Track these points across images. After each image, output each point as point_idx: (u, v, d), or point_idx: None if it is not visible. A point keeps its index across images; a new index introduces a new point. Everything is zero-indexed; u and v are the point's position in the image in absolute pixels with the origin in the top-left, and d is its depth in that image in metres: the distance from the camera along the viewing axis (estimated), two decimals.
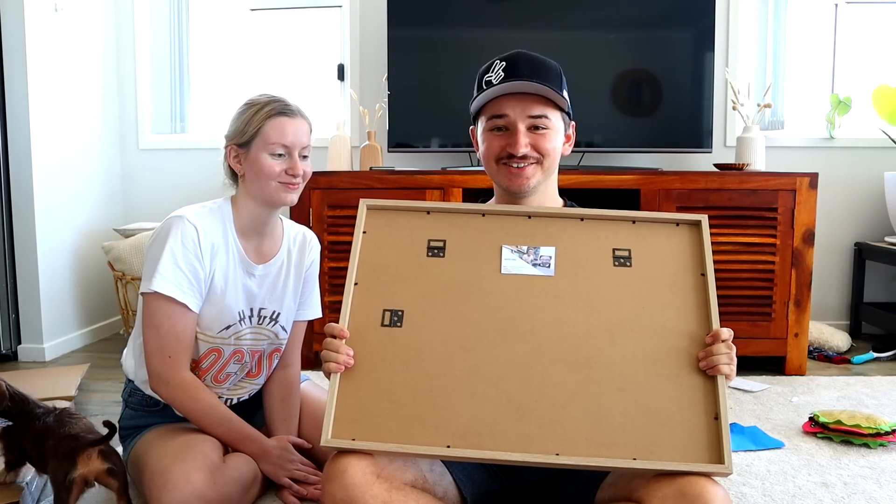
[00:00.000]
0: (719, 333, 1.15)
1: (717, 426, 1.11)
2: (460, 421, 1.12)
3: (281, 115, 1.49)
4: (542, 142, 1.30)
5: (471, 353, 1.16)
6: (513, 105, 1.28)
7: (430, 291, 1.22)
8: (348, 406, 1.13)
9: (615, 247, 1.25)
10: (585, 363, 1.16)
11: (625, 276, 1.23)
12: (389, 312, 1.20)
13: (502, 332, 1.18)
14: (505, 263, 1.23)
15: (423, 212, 1.28)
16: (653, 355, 1.16)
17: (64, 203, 2.96)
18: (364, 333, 1.19)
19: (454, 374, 1.15)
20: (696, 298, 1.21)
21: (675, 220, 1.27)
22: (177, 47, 3.40)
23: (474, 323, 1.19)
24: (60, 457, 1.29)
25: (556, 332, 1.18)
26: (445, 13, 2.92)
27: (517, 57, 1.31)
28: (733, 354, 1.15)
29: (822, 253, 3.18)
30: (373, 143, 2.93)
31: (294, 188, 1.52)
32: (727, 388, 1.15)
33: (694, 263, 1.23)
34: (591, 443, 1.11)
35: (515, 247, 1.25)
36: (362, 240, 1.26)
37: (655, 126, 2.93)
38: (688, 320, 1.19)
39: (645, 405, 1.13)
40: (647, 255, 1.24)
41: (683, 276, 1.22)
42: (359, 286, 1.22)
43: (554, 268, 1.23)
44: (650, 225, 1.27)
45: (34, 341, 2.84)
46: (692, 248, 1.24)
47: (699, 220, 1.26)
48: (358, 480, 1.08)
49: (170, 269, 1.44)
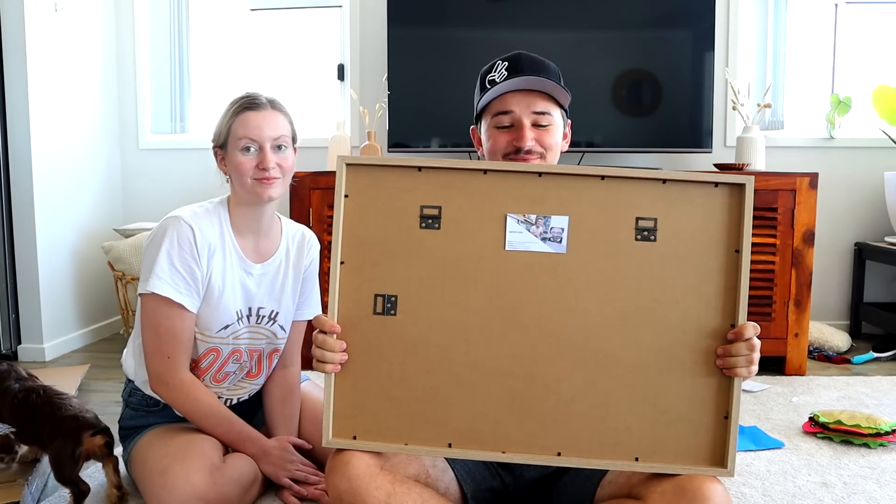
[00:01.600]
0: (743, 331, 1.07)
1: (726, 426, 1.08)
2: (461, 419, 1.10)
3: (246, 109, 1.49)
4: (546, 136, 1.33)
5: (472, 345, 1.10)
6: (517, 101, 1.31)
7: (425, 272, 1.10)
8: (346, 402, 1.11)
9: (639, 215, 1.09)
10: (594, 358, 1.09)
11: (647, 254, 1.09)
12: (382, 298, 1.11)
13: (506, 322, 1.09)
14: (510, 238, 1.09)
15: (414, 169, 1.11)
16: (668, 349, 1.08)
17: (64, 203, 2.96)
18: (356, 323, 1.10)
19: (454, 370, 1.10)
20: (724, 282, 1.08)
21: (714, 181, 1.09)
22: (177, 47, 3.40)
23: (475, 311, 1.10)
24: (65, 436, 1.45)
25: (564, 323, 1.09)
26: (445, 13, 2.92)
27: (519, 56, 1.36)
28: (755, 356, 1.08)
29: (822, 253, 3.17)
30: (373, 143, 2.93)
31: (269, 182, 1.48)
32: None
33: (729, 237, 1.08)
34: (594, 442, 1.09)
35: (522, 216, 1.09)
36: (345, 206, 1.10)
37: (655, 126, 2.93)
38: (711, 310, 1.08)
39: (653, 403, 1.09)
40: (674, 227, 1.09)
41: (714, 252, 1.08)
42: (346, 266, 1.10)
43: (566, 243, 1.09)
44: (683, 187, 1.09)
45: (34, 341, 2.84)
46: (729, 217, 1.08)
47: (743, 183, 1.08)
48: (362, 472, 1.09)
49: (166, 270, 1.44)
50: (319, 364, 1.11)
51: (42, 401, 1.50)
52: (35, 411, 1.49)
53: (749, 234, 1.07)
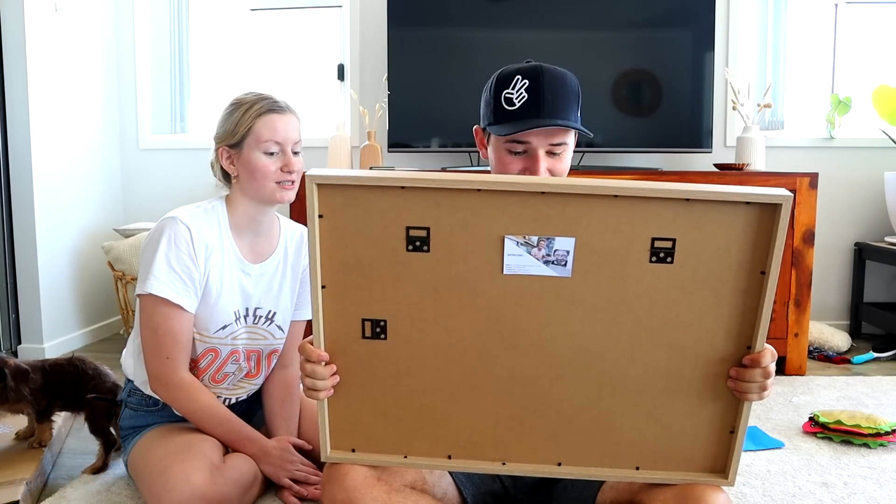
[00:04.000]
0: (760, 359, 0.99)
1: (731, 440, 1.05)
2: (460, 434, 1.08)
3: (271, 112, 1.49)
4: (559, 164, 1.27)
5: (468, 367, 1.04)
6: (536, 134, 1.24)
7: (415, 297, 1.01)
8: (341, 419, 1.09)
9: (656, 235, 0.96)
10: (598, 379, 1.03)
11: (662, 276, 0.97)
12: (370, 322, 1.03)
13: (504, 346, 1.02)
14: (508, 261, 0.98)
15: (397, 189, 0.96)
16: (677, 372, 1.01)
17: (64, 203, 2.96)
18: (343, 346, 1.04)
19: (450, 390, 1.05)
20: (744, 304, 0.98)
21: (745, 200, 0.94)
22: (177, 47, 3.40)
23: (470, 335, 1.02)
24: (104, 392, 1.72)
25: (567, 346, 1.01)
26: (445, 13, 2.92)
27: (540, 77, 1.24)
28: (769, 382, 1.00)
29: (822, 253, 3.17)
30: (373, 143, 2.93)
31: (291, 187, 1.52)
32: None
33: (755, 258, 0.96)
34: (595, 454, 1.07)
35: (522, 237, 0.97)
36: (319, 226, 0.99)
37: (655, 126, 2.93)
38: (727, 335, 0.99)
39: (658, 420, 1.04)
40: (695, 248, 0.96)
41: (737, 274, 0.97)
42: (328, 290, 1.01)
43: (571, 266, 0.98)
44: (709, 206, 0.95)
45: (34, 341, 2.84)
46: (758, 236, 0.95)
47: (779, 203, 0.93)
48: (358, 482, 1.09)
49: (164, 271, 1.44)
50: (311, 392, 1.08)
51: (78, 369, 1.74)
52: (74, 377, 1.72)
53: (779, 255, 0.95)
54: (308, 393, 1.08)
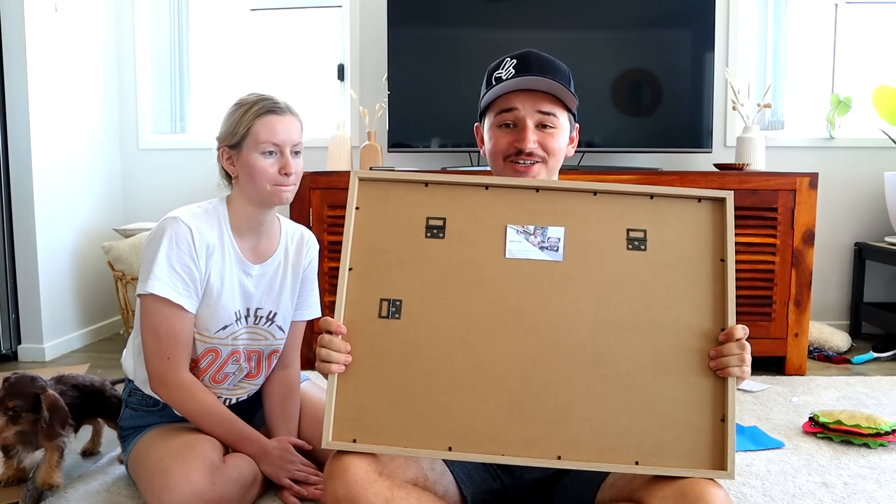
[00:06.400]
0: (733, 332, 1.10)
1: (723, 429, 1.09)
2: (462, 421, 1.11)
3: (270, 113, 1.49)
4: (549, 140, 1.30)
5: (473, 348, 1.13)
6: (522, 100, 1.29)
7: (429, 278, 1.15)
8: (348, 405, 1.12)
9: (630, 227, 1.16)
10: (592, 361, 1.12)
11: (638, 262, 1.15)
12: (387, 302, 1.15)
13: (506, 326, 1.13)
14: (510, 246, 1.16)
15: (421, 184, 1.18)
16: (662, 352, 1.12)
17: (64, 203, 2.96)
18: (361, 326, 1.14)
19: (455, 372, 1.12)
20: (712, 288, 1.14)
21: (696, 196, 1.17)
22: (177, 47, 3.40)
23: (476, 315, 1.14)
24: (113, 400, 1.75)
25: (562, 326, 1.13)
26: (445, 13, 2.92)
27: (528, 55, 1.32)
28: (746, 355, 1.10)
29: (822, 253, 3.18)
30: (373, 143, 2.93)
31: (288, 187, 1.51)
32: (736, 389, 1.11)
33: (714, 247, 1.15)
34: (594, 445, 1.10)
35: (521, 227, 1.16)
36: (356, 217, 1.17)
37: (655, 126, 2.93)
38: (702, 314, 1.13)
39: (650, 406, 1.11)
40: (663, 237, 1.16)
41: (701, 262, 1.15)
42: (353, 272, 1.15)
43: (562, 251, 1.15)
44: (669, 201, 1.17)
45: (34, 341, 2.84)
46: (713, 229, 1.15)
47: (724, 197, 1.16)
48: (360, 478, 1.09)
49: (165, 271, 1.44)
50: (323, 364, 1.11)
51: (84, 388, 1.71)
52: (83, 395, 1.69)
53: (732, 244, 1.14)
54: (321, 366, 1.12)
